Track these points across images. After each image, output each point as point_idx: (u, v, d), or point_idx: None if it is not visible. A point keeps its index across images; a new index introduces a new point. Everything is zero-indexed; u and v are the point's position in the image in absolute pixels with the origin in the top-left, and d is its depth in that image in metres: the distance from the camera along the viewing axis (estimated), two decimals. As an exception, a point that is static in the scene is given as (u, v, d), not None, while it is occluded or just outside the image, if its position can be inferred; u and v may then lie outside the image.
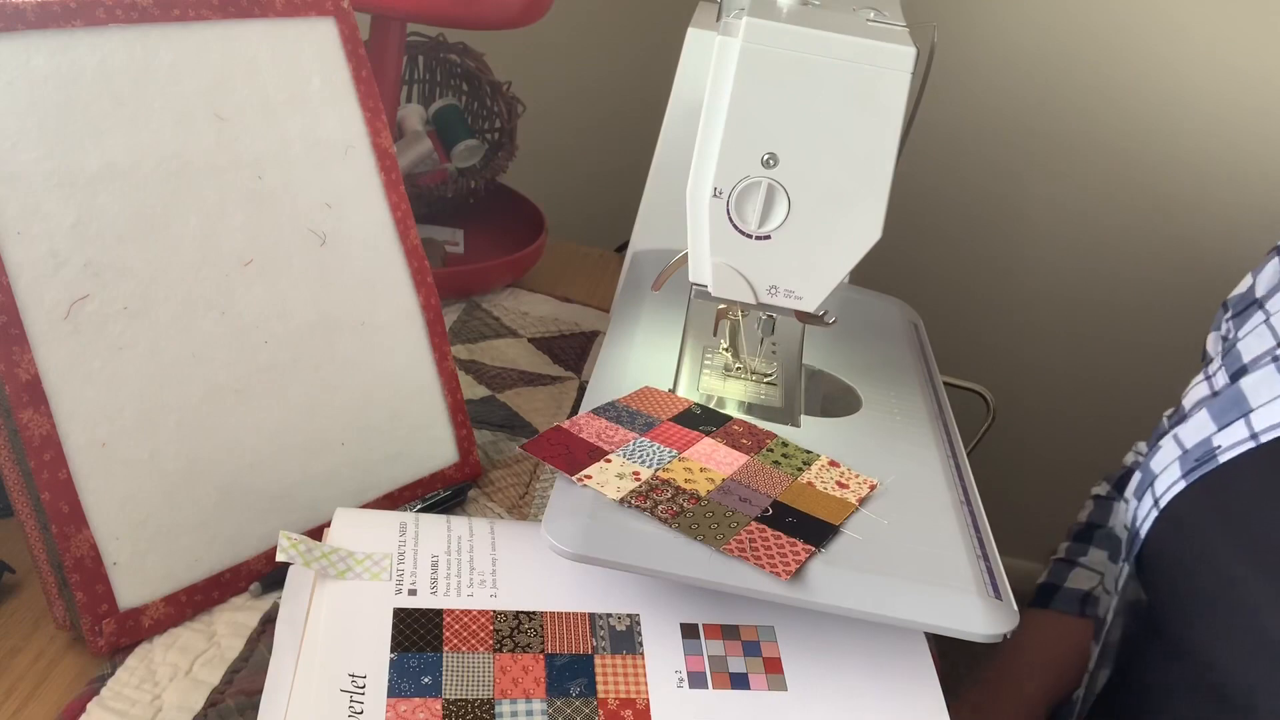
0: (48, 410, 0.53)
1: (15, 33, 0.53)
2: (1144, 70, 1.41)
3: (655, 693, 0.52)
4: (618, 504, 0.56)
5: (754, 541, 0.55)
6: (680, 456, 0.61)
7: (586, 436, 0.61)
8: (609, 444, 0.61)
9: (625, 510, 0.56)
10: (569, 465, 0.58)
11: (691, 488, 0.58)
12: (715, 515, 0.56)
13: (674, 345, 0.74)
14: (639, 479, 0.58)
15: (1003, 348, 1.53)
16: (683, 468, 0.60)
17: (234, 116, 0.61)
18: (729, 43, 0.59)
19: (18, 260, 0.52)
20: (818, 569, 0.54)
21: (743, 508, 0.58)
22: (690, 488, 0.58)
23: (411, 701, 0.49)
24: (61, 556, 0.53)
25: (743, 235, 0.62)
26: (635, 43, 1.46)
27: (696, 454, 0.62)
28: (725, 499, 0.58)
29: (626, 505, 0.56)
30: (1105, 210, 1.50)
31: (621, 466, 0.59)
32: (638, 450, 0.61)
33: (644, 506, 0.56)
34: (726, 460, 0.62)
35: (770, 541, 0.55)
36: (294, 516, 0.63)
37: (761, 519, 0.57)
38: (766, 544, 0.55)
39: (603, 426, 0.63)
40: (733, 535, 0.55)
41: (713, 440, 0.64)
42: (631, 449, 0.61)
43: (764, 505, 0.58)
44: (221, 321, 0.60)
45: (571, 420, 0.63)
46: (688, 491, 0.58)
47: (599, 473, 0.58)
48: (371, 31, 0.92)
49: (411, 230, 0.69)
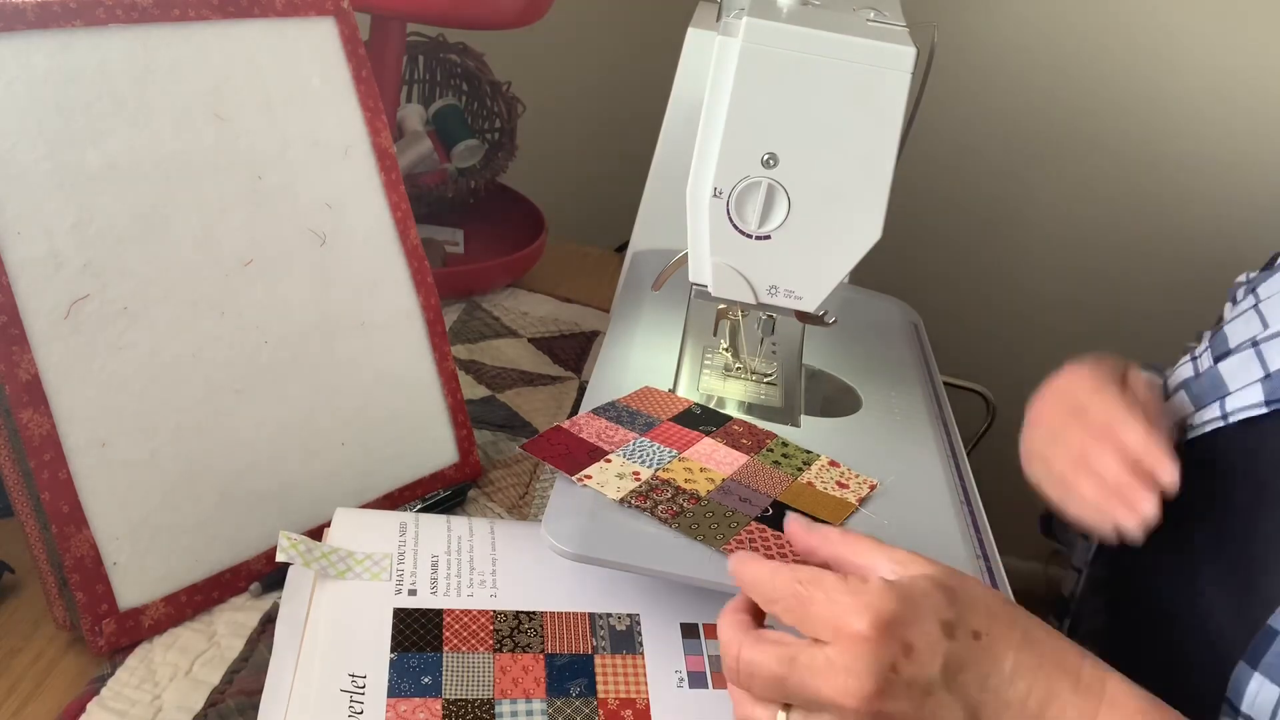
0: (48, 410, 0.53)
1: (15, 33, 0.53)
2: (1144, 70, 1.41)
3: (655, 693, 0.52)
4: (618, 504, 0.56)
5: (754, 542, 0.55)
6: (680, 456, 0.61)
7: (586, 436, 0.61)
8: (609, 444, 0.61)
9: (625, 510, 0.56)
10: (569, 465, 0.58)
11: (691, 488, 0.58)
12: (715, 515, 0.56)
13: (674, 345, 0.74)
14: (639, 479, 0.58)
15: (1003, 348, 1.53)
16: (683, 468, 0.60)
17: (234, 116, 0.61)
18: (729, 43, 0.59)
19: (18, 260, 0.52)
20: (818, 569, 0.54)
21: (743, 508, 0.58)
22: (690, 488, 0.58)
23: (411, 701, 0.49)
24: (61, 556, 0.53)
25: (743, 235, 0.62)
26: (635, 43, 1.46)
27: (696, 454, 0.62)
28: (725, 499, 0.58)
29: (626, 505, 0.56)
30: (1105, 210, 1.50)
31: (621, 466, 0.59)
32: (638, 450, 0.61)
33: (644, 506, 0.56)
34: (726, 460, 0.62)
35: (770, 541, 0.55)
36: (294, 516, 0.63)
37: (761, 519, 0.57)
38: (766, 544, 0.55)
39: (603, 426, 0.63)
40: (732, 535, 0.55)
41: (713, 440, 0.64)
42: (631, 449, 0.61)
43: (764, 505, 0.58)
44: (221, 321, 0.60)
45: (571, 420, 0.63)
46: (688, 491, 0.58)
47: (599, 473, 0.58)
48: (371, 31, 0.92)
49: (411, 230, 0.69)
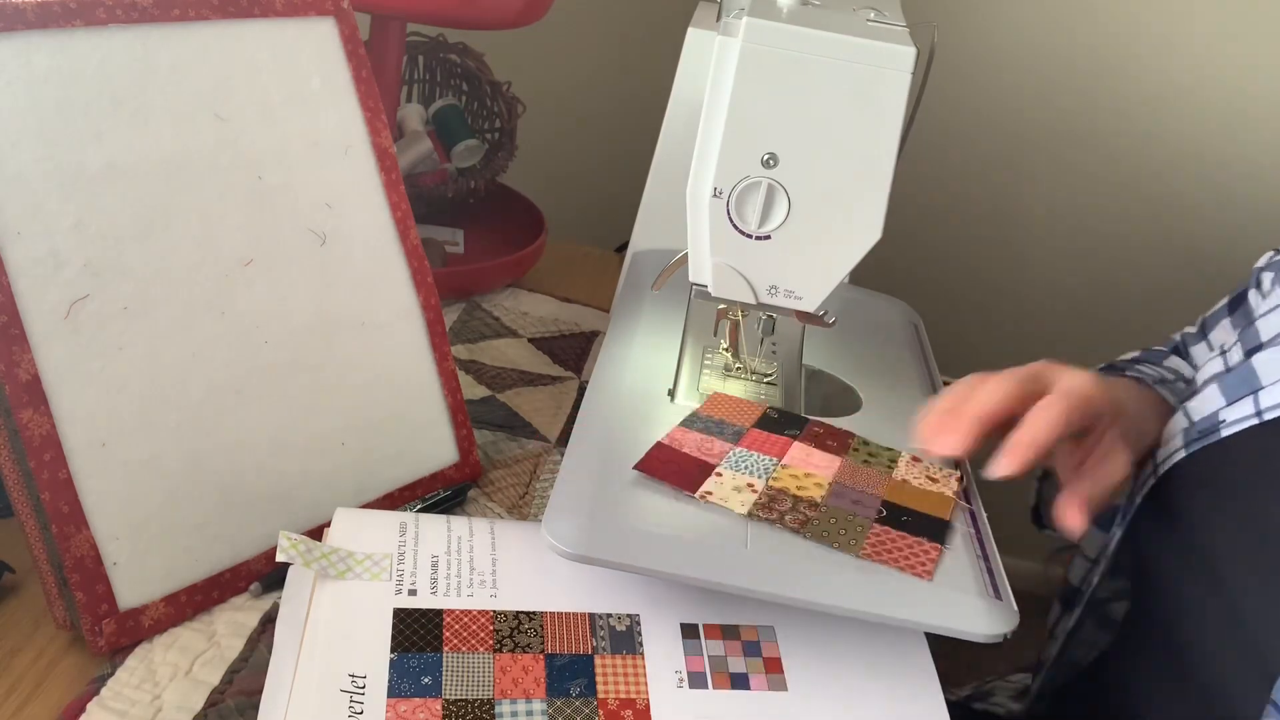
0: (48, 410, 0.53)
1: (15, 33, 0.53)
2: (1144, 70, 1.41)
3: (655, 693, 0.52)
4: (745, 518, 0.56)
5: (884, 544, 0.55)
6: (782, 464, 0.61)
7: (689, 451, 0.61)
8: (712, 456, 0.61)
9: (624, 510, 0.56)
10: (688, 483, 0.58)
11: (806, 495, 0.58)
12: (839, 521, 0.56)
13: (674, 345, 0.74)
14: (755, 490, 0.58)
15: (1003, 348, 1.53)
16: (789, 475, 0.60)
17: (234, 116, 0.61)
18: (729, 43, 0.59)
19: (18, 260, 0.52)
20: (818, 569, 0.54)
21: (859, 510, 0.58)
22: (805, 495, 0.58)
23: (411, 702, 0.49)
24: (61, 556, 0.53)
25: (743, 235, 0.62)
26: (635, 43, 1.46)
27: (794, 459, 0.62)
28: (839, 503, 0.58)
29: (754, 519, 0.56)
30: (1106, 210, 1.50)
31: (734, 479, 0.59)
32: (740, 461, 0.61)
33: (771, 519, 0.56)
34: (822, 463, 0.62)
35: (899, 542, 0.55)
36: (294, 516, 0.63)
37: (879, 520, 0.57)
38: (897, 546, 0.55)
39: (699, 439, 0.62)
40: (864, 539, 0.55)
41: (802, 444, 0.63)
42: (734, 460, 0.61)
43: (876, 506, 0.58)
44: (221, 321, 0.60)
45: (669, 436, 0.62)
46: (804, 499, 0.58)
47: (717, 488, 0.58)
48: (371, 31, 0.92)
49: (411, 230, 0.69)
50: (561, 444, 0.79)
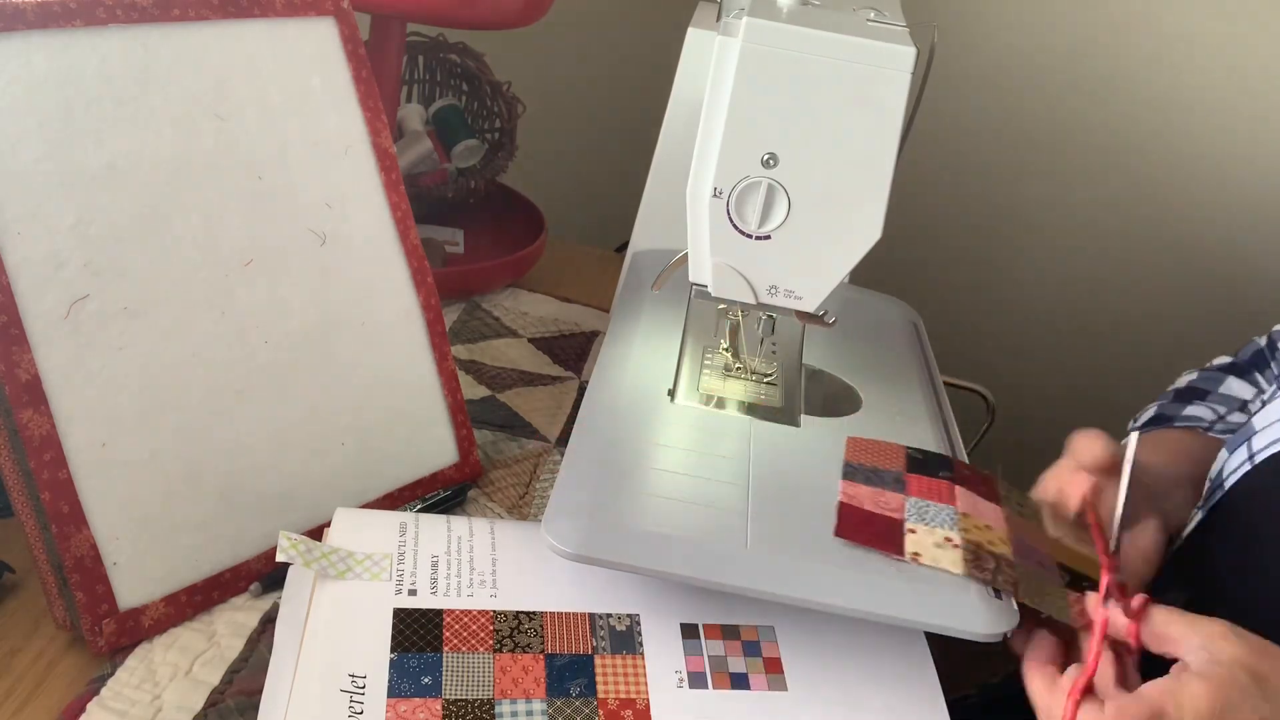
0: (48, 410, 0.53)
1: (15, 33, 0.53)
2: (1144, 71, 1.41)
3: (655, 693, 0.52)
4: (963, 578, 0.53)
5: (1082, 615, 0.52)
6: (961, 513, 0.58)
7: (870, 508, 0.58)
8: (892, 511, 0.58)
9: (624, 510, 0.55)
10: (892, 545, 0.55)
11: (998, 551, 0.55)
12: (1038, 582, 0.54)
13: (674, 345, 0.74)
14: (955, 544, 0.55)
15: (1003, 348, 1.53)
16: (973, 525, 0.57)
17: (234, 116, 0.61)
18: (729, 43, 0.59)
19: (18, 260, 0.52)
20: (818, 569, 0.54)
21: (1044, 572, 0.55)
22: (996, 550, 0.55)
23: (411, 701, 0.49)
24: (61, 556, 0.53)
25: (743, 235, 0.62)
26: (635, 43, 1.46)
27: (966, 507, 0.59)
28: (1026, 562, 0.55)
29: (970, 578, 0.53)
30: (1106, 210, 1.50)
31: (930, 534, 0.56)
32: (920, 512, 0.58)
33: (985, 579, 0.53)
34: (989, 514, 0.59)
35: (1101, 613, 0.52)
36: (294, 516, 0.63)
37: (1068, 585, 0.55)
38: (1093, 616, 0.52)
39: (870, 493, 0.59)
40: (1066, 605, 0.53)
41: (962, 489, 0.61)
42: (915, 511, 0.58)
43: (1053, 567, 0.56)
44: (221, 321, 0.60)
45: (843, 494, 0.59)
46: (1001, 556, 0.55)
47: (923, 548, 0.55)
48: (371, 31, 0.92)
49: (411, 230, 0.69)
50: (561, 444, 0.79)
